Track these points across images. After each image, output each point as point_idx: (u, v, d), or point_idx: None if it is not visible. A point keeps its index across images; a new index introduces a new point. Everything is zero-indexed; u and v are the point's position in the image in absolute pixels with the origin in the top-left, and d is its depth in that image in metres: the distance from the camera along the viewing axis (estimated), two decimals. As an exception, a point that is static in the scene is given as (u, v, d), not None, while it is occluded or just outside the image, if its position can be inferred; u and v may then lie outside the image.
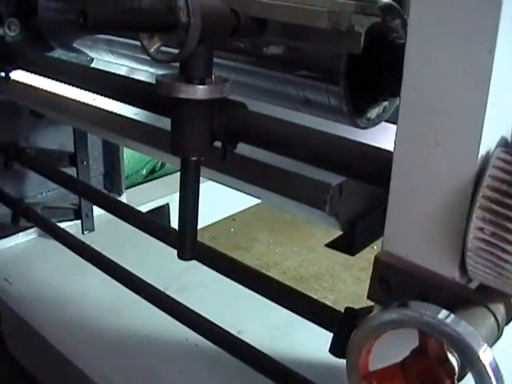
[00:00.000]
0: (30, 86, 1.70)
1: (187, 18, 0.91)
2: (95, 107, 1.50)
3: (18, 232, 2.30)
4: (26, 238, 2.33)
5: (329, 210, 1.08)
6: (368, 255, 0.94)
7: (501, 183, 0.71)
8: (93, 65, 1.88)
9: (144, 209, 2.56)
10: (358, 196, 1.10)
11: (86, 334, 1.86)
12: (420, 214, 0.80)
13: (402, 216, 0.82)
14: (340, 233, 1.15)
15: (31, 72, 1.66)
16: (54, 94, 1.61)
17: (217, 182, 1.34)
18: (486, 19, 0.68)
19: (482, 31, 0.69)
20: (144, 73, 1.55)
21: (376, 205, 1.06)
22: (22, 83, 1.73)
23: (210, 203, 2.52)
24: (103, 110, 1.47)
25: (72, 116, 1.66)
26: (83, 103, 1.52)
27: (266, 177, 1.16)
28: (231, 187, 1.32)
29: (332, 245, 1.13)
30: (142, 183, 3.00)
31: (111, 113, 1.45)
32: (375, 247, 0.90)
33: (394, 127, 0.82)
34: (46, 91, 1.64)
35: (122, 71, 1.64)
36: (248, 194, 1.30)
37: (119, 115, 1.43)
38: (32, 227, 2.31)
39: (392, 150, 0.82)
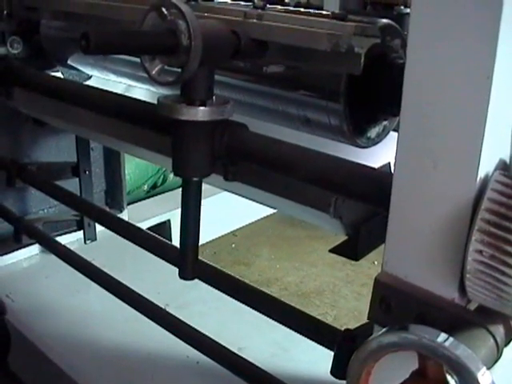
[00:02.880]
0: (33, 93, 1.71)
1: (188, 41, 0.92)
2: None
3: (19, 248, 2.30)
4: (28, 254, 2.33)
5: (333, 213, 1.08)
6: (369, 270, 0.94)
7: (499, 206, 0.71)
8: (91, 81, 1.89)
9: (145, 225, 2.56)
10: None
11: (87, 351, 1.86)
12: (419, 235, 0.80)
13: (401, 238, 0.82)
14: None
15: (33, 91, 1.67)
16: (56, 101, 1.61)
17: (221, 188, 1.34)
18: (484, 45, 0.69)
19: (480, 57, 0.70)
20: (142, 90, 1.56)
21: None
22: (24, 91, 1.74)
23: (211, 219, 2.54)
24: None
25: (75, 122, 1.66)
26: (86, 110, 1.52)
27: (271, 180, 1.17)
28: (236, 193, 1.32)
29: (336, 250, 1.13)
30: (143, 199, 3.01)
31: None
32: (376, 262, 0.90)
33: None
34: (49, 98, 1.64)
35: (120, 88, 1.64)
36: (252, 199, 1.30)
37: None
38: (34, 243, 2.31)
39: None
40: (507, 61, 0.71)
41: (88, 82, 1.85)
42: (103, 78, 1.66)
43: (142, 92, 1.57)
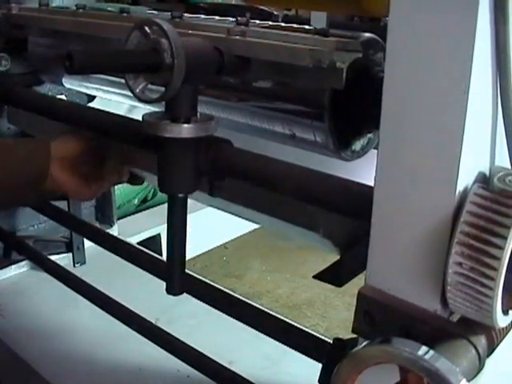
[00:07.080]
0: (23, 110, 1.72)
1: (171, 59, 0.93)
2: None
3: (9, 265, 2.30)
4: (18, 270, 2.33)
5: (323, 232, 1.09)
6: (360, 281, 0.95)
7: (478, 219, 0.72)
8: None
9: (136, 239, 2.57)
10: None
11: (77, 367, 1.85)
12: (401, 249, 0.81)
13: (383, 251, 0.83)
14: (331, 260, 1.15)
15: (20, 108, 1.68)
16: (46, 118, 1.62)
17: (210, 205, 1.34)
18: (460, 60, 0.70)
19: (456, 72, 0.71)
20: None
21: (363, 234, 1.08)
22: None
23: (202, 232, 2.54)
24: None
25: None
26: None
27: (260, 199, 1.17)
28: (225, 211, 1.33)
29: (319, 276, 1.14)
30: (134, 213, 3.01)
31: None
32: (366, 273, 0.91)
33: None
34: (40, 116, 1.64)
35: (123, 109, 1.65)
36: (242, 217, 1.31)
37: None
38: (24, 260, 2.31)
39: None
40: (483, 75, 0.72)
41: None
42: (100, 97, 1.67)
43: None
